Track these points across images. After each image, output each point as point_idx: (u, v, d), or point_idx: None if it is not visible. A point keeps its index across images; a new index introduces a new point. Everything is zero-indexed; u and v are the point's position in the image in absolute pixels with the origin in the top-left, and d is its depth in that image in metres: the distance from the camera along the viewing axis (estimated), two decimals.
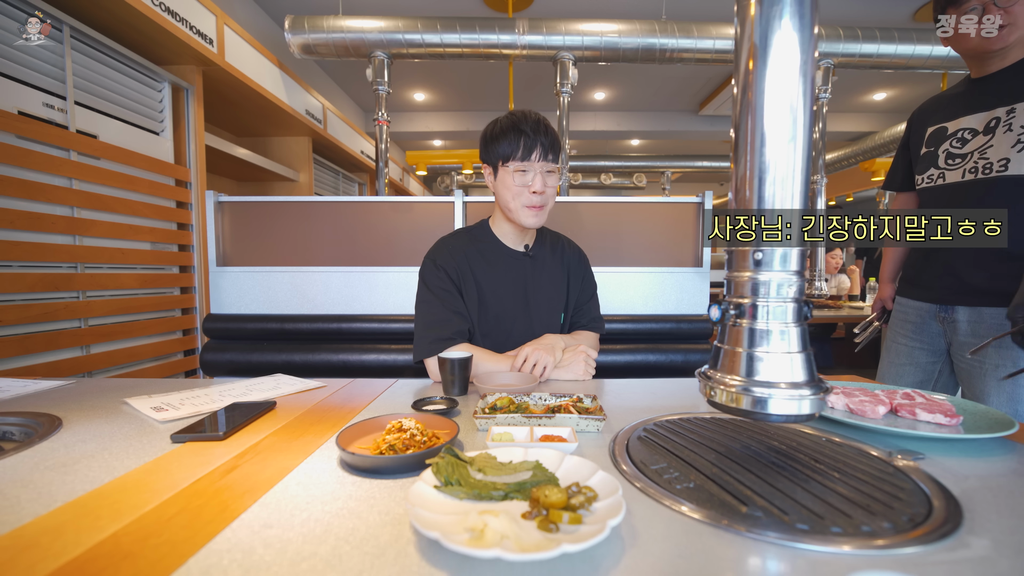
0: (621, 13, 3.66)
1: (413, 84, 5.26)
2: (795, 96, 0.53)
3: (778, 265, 0.55)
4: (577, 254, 1.33)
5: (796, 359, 0.54)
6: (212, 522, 0.46)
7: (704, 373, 0.60)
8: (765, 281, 0.55)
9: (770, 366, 0.54)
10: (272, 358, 1.74)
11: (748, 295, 0.56)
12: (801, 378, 0.54)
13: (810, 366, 0.55)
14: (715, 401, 0.57)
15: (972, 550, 0.42)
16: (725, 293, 0.60)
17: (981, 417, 0.74)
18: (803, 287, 0.56)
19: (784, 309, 0.55)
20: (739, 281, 0.57)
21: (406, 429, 0.63)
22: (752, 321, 0.56)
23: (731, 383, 0.55)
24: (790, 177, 0.54)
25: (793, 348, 0.54)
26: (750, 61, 0.55)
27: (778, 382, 0.53)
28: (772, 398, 0.53)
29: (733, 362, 0.56)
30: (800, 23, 0.53)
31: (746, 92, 0.55)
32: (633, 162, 7.38)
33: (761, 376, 0.54)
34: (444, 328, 1.10)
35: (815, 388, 0.53)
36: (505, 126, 1.11)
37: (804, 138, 0.54)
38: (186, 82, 2.35)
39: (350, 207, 1.89)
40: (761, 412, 0.53)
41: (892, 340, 1.42)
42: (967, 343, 1.20)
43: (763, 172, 0.55)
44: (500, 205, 1.17)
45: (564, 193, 3.32)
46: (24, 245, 1.63)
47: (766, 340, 0.55)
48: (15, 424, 0.75)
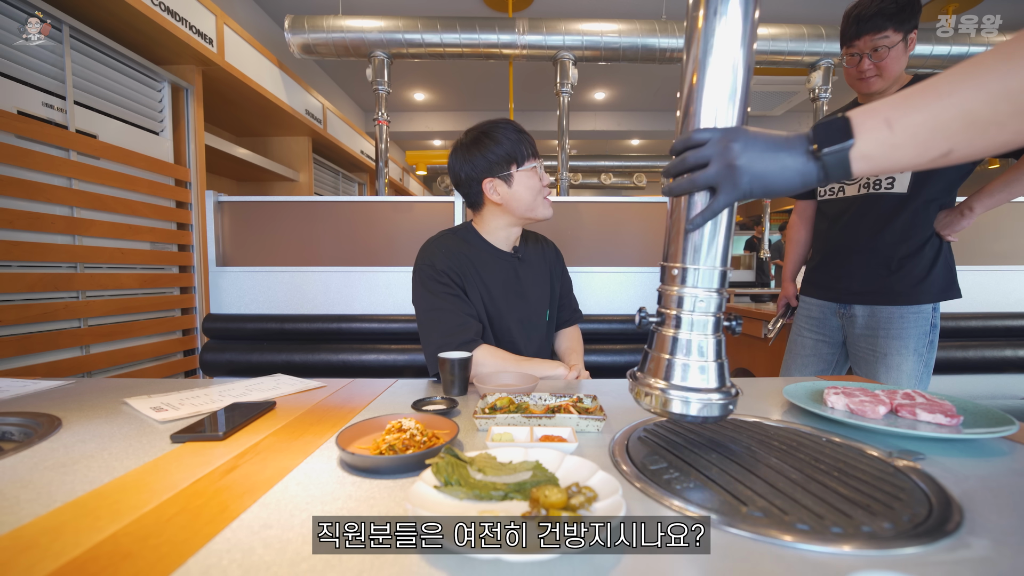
0: (621, 13, 3.66)
1: (413, 84, 5.27)
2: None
3: (701, 282, 0.61)
4: (554, 250, 1.37)
5: (711, 367, 0.61)
6: (212, 522, 0.46)
7: (633, 374, 0.67)
8: (690, 295, 0.61)
9: (689, 373, 0.61)
10: (272, 358, 1.74)
11: (673, 307, 0.63)
12: (714, 384, 0.61)
13: (722, 374, 0.62)
14: (641, 404, 0.64)
15: (972, 550, 0.42)
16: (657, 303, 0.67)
17: (981, 417, 0.74)
18: (722, 303, 0.62)
19: (705, 322, 0.61)
20: (667, 294, 0.64)
21: (406, 429, 0.63)
22: (676, 330, 0.62)
23: (655, 386, 0.62)
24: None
25: (709, 357, 0.61)
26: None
27: (696, 387, 0.60)
28: (689, 402, 0.60)
29: (658, 367, 0.63)
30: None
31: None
32: (633, 162, 7.38)
33: (680, 381, 0.61)
34: (464, 332, 1.08)
35: (725, 394, 0.60)
36: (502, 134, 1.12)
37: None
38: (186, 82, 2.35)
39: (350, 207, 1.89)
40: (678, 414, 0.60)
41: (797, 334, 1.57)
42: (862, 335, 1.39)
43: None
44: (515, 210, 1.15)
45: (564, 193, 3.32)
46: (24, 245, 1.63)
47: (686, 349, 0.62)
48: (14, 424, 0.75)
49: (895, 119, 0.51)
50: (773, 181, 0.56)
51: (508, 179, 1.12)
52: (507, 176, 1.12)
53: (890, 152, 0.52)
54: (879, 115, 0.52)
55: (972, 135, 0.48)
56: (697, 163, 0.58)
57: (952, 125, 0.48)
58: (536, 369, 1.07)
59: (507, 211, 1.16)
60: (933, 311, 1.32)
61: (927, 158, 0.51)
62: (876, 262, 1.35)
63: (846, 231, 1.40)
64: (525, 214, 1.15)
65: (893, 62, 1.25)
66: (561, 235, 1.86)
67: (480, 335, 1.12)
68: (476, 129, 1.15)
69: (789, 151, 0.55)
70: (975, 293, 1.94)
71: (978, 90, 0.47)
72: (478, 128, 1.14)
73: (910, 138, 0.50)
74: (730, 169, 0.56)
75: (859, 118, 0.52)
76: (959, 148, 0.49)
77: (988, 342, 1.90)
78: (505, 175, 1.12)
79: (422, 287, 1.13)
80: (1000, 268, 1.98)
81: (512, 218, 1.18)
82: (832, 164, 0.53)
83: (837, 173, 0.54)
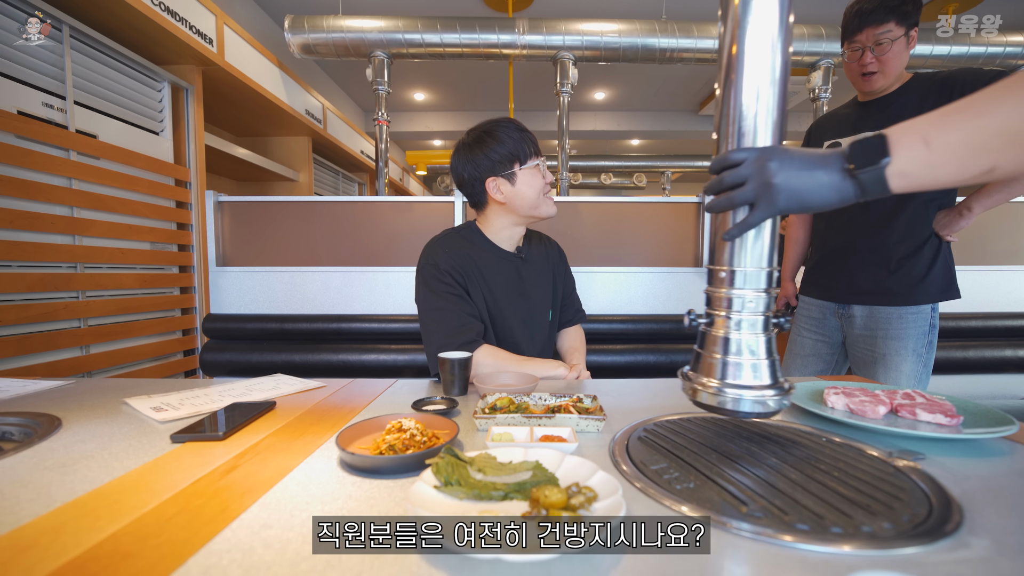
0: (621, 13, 3.66)
1: (413, 84, 5.27)
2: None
3: (749, 283, 0.62)
4: (557, 250, 1.37)
5: (763, 365, 0.62)
6: (212, 522, 0.46)
7: (685, 374, 0.68)
8: (738, 296, 0.62)
9: (742, 371, 0.62)
10: (272, 358, 1.74)
11: (723, 308, 0.64)
12: (767, 380, 0.61)
13: (774, 370, 0.62)
14: (697, 400, 0.65)
15: (972, 550, 0.42)
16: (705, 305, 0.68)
17: (981, 417, 0.74)
18: (770, 302, 0.62)
19: (754, 321, 0.62)
20: (716, 296, 0.65)
21: (406, 429, 0.63)
22: (726, 331, 0.63)
23: (708, 385, 0.63)
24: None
25: (761, 355, 0.62)
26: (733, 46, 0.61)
27: (749, 384, 0.61)
28: (743, 399, 0.61)
29: (710, 366, 0.64)
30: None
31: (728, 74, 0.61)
32: (633, 162, 7.38)
33: (734, 380, 0.62)
34: (466, 332, 1.08)
35: (779, 389, 0.61)
36: (504, 133, 1.12)
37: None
38: (186, 82, 2.35)
39: (350, 207, 1.89)
40: (733, 411, 0.61)
41: (796, 334, 1.57)
42: (861, 336, 1.39)
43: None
44: (519, 208, 1.15)
45: (564, 193, 3.32)
46: (24, 245, 1.63)
47: (737, 348, 0.63)
48: (14, 424, 0.75)
49: (933, 137, 0.51)
50: (809, 199, 0.57)
51: (511, 177, 1.12)
52: (510, 175, 1.12)
53: (928, 170, 0.52)
54: (916, 133, 0.52)
55: (1016, 152, 0.48)
56: (734, 182, 0.59)
57: (993, 142, 0.48)
58: (536, 369, 1.07)
59: (511, 210, 1.16)
60: (932, 311, 1.32)
61: (968, 175, 0.51)
62: (875, 262, 1.35)
63: (845, 231, 1.40)
64: (529, 212, 1.15)
65: (895, 57, 1.25)
66: (561, 235, 1.86)
67: (482, 335, 1.12)
68: (478, 129, 1.15)
69: (825, 169, 0.56)
70: (975, 293, 1.94)
71: (1019, 107, 0.47)
72: (480, 128, 1.14)
73: (949, 156, 0.50)
74: (766, 187, 0.57)
75: (896, 136, 0.53)
76: (1003, 165, 0.49)
77: (988, 342, 1.91)
78: (508, 174, 1.12)
79: (425, 286, 1.13)
80: (1000, 268, 1.98)
81: (516, 217, 1.17)
82: (869, 182, 0.54)
83: (875, 190, 0.54)
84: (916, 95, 1.28)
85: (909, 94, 1.29)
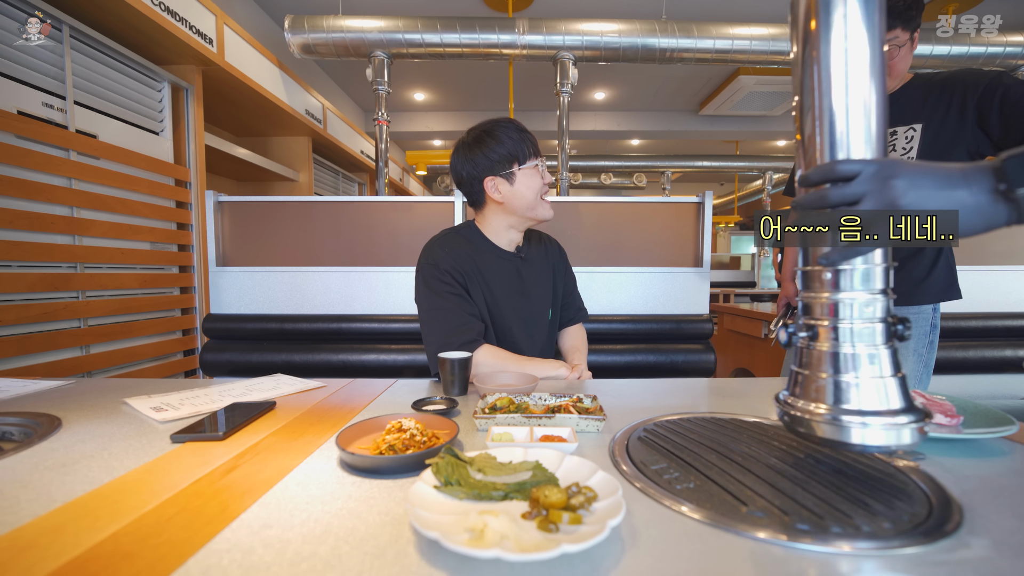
0: (621, 13, 3.66)
1: (413, 84, 5.26)
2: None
3: (859, 284, 0.52)
4: (557, 249, 1.36)
5: (890, 384, 0.50)
6: (212, 522, 0.46)
7: (784, 400, 0.57)
8: (846, 300, 0.52)
9: (862, 393, 0.51)
10: (272, 358, 1.74)
11: (827, 316, 0.53)
12: (898, 405, 0.50)
13: (905, 390, 0.51)
14: (798, 430, 0.54)
15: (972, 550, 0.42)
16: (800, 313, 0.57)
17: (981, 417, 0.74)
18: (889, 306, 0.53)
19: (872, 330, 0.52)
20: (816, 302, 0.54)
21: (406, 429, 0.63)
22: (835, 344, 0.52)
23: (817, 412, 0.52)
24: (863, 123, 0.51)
25: (885, 372, 0.51)
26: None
27: (875, 410, 0.50)
28: (868, 427, 0.49)
29: (817, 389, 0.53)
30: None
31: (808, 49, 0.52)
32: (633, 162, 7.37)
33: (852, 405, 0.51)
34: (466, 332, 1.08)
35: (915, 414, 0.49)
36: (504, 133, 1.12)
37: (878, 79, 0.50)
38: (186, 82, 2.35)
39: (350, 207, 1.88)
40: (857, 443, 0.50)
41: None
42: None
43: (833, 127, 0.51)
44: (517, 209, 1.15)
45: (564, 193, 3.32)
46: (24, 245, 1.63)
47: (853, 364, 0.51)
48: (14, 424, 0.75)
49: None
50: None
51: (510, 177, 1.13)
52: (509, 175, 1.13)
53: None
54: None
55: None
56: (843, 201, 0.49)
57: None
58: (537, 369, 1.07)
59: (508, 210, 1.16)
60: (933, 311, 1.32)
61: None
62: None
63: None
64: (526, 213, 1.16)
65: (901, 61, 1.25)
66: (561, 235, 1.85)
67: (482, 335, 1.12)
68: (478, 128, 1.15)
69: (968, 189, 0.47)
70: (975, 293, 1.94)
71: None
72: (480, 127, 1.15)
73: None
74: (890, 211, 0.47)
75: None
76: None
77: (988, 342, 1.91)
78: (507, 173, 1.13)
79: (425, 286, 1.14)
80: (1000, 268, 1.98)
81: (513, 218, 1.18)
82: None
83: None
84: (917, 95, 1.28)
85: (910, 94, 1.30)
